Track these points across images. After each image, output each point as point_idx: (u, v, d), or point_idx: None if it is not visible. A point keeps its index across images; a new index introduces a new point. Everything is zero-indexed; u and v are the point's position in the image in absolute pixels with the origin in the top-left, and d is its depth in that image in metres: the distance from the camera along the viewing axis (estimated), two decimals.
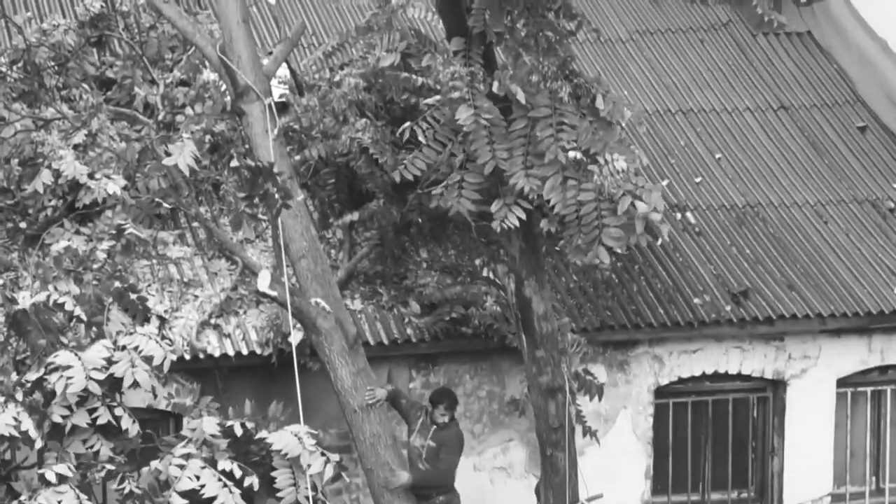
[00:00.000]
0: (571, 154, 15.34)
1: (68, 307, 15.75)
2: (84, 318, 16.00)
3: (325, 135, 17.90)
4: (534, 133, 15.45)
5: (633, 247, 16.40)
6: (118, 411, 15.21)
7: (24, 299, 15.70)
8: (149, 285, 17.51)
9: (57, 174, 17.07)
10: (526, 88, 15.69)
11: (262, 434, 15.35)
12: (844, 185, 20.32)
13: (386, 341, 17.64)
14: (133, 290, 16.56)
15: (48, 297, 15.74)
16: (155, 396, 15.86)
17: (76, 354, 14.99)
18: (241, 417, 15.62)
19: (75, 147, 17.40)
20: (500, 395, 17.93)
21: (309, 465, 15.16)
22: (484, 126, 15.47)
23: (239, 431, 15.29)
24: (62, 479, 14.82)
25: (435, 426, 16.37)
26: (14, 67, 18.10)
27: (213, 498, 14.94)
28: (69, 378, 14.81)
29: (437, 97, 16.56)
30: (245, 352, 17.40)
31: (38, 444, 14.97)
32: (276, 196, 15.41)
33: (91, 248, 16.83)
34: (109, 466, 15.37)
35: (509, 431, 17.87)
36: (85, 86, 18.17)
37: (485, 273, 18.16)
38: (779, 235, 19.50)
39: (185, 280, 17.84)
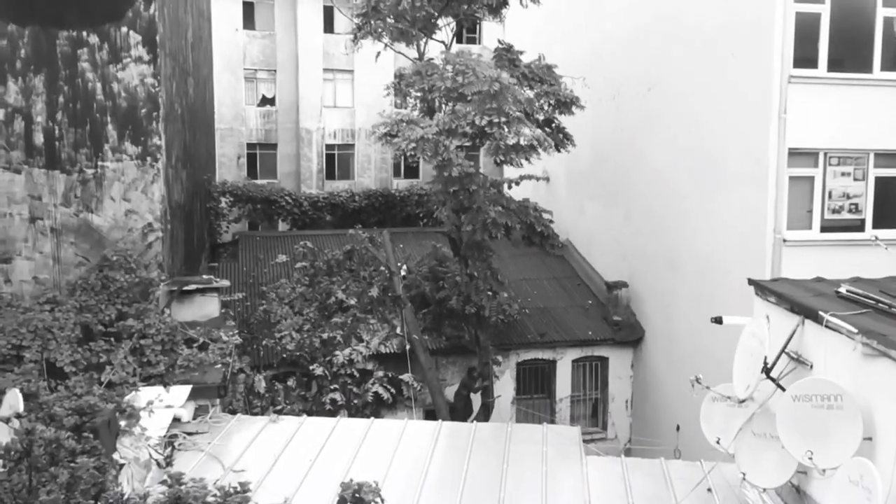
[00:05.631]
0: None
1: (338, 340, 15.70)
2: (342, 340, 15.65)
3: (417, 286, 17.29)
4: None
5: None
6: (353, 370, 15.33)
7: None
8: (362, 332, 16.36)
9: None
10: (481, 272, 15.60)
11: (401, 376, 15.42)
12: (574, 301, 19.34)
13: (433, 349, 16.67)
14: (360, 333, 16.20)
15: (331, 335, 15.65)
16: (362, 363, 15.62)
17: (340, 352, 15.14)
18: (390, 371, 15.67)
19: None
20: (470, 365, 16.85)
21: (412, 384, 15.40)
22: (467, 282, 15.51)
23: (389, 376, 15.44)
24: (334, 389, 14.98)
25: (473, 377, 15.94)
26: (304, 276, 17.21)
27: (381, 395, 15.13)
28: (337, 357, 14.94)
29: (450, 274, 16.62)
30: (392, 352, 15.93)
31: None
32: (402, 305, 15.77)
33: (345, 321, 16.32)
34: (348, 384, 15.30)
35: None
36: (338, 283, 17.14)
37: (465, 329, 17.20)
38: (556, 317, 18.59)
39: (374, 331, 16.26)
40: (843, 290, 7.83)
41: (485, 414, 16.18)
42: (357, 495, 6.10)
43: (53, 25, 11.93)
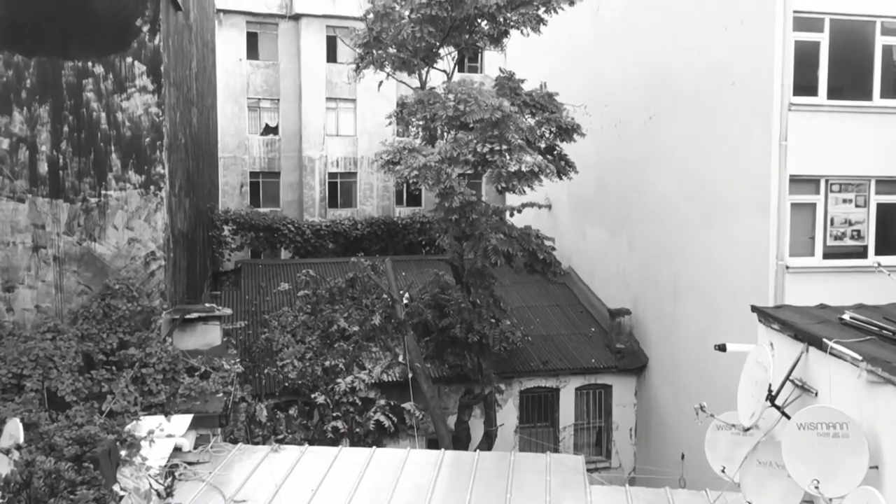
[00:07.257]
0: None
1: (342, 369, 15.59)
2: (344, 368, 15.60)
3: (419, 314, 17.13)
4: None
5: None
6: (355, 398, 15.24)
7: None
8: (364, 360, 16.34)
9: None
10: (483, 300, 15.62)
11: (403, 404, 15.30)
12: (577, 328, 19.27)
13: (436, 377, 16.67)
14: (362, 361, 16.14)
15: (333, 363, 15.60)
16: (364, 392, 15.54)
17: (342, 380, 15.01)
18: (392, 399, 15.53)
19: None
20: (473, 393, 16.85)
21: (414, 413, 15.28)
22: (469, 310, 15.48)
23: (392, 404, 15.29)
24: (336, 417, 14.84)
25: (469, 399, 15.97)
26: (307, 304, 17.08)
27: (383, 424, 14.98)
28: (339, 385, 14.81)
29: (452, 302, 16.57)
30: (394, 380, 15.88)
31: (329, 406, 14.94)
32: (404, 333, 15.70)
33: (347, 349, 16.23)
34: (350, 412, 15.22)
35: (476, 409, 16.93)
36: (341, 310, 17.08)
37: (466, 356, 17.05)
38: (559, 345, 18.53)
39: (376, 359, 16.22)
40: (846, 316, 7.82)
41: (488, 442, 16.03)
42: None
43: (59, 56, 12.09)
